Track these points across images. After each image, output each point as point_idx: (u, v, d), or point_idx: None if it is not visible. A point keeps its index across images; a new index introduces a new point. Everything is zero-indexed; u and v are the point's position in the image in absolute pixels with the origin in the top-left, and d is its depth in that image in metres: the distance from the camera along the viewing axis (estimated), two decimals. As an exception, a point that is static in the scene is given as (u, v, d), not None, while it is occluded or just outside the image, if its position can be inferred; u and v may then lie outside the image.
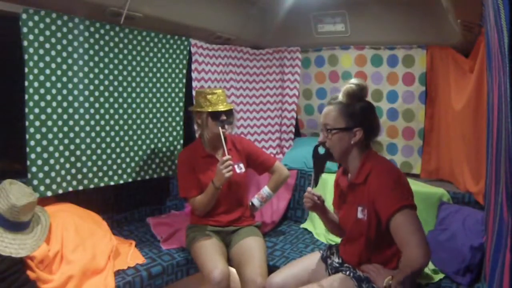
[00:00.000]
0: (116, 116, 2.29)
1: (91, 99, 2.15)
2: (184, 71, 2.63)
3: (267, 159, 2.30)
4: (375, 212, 1.48)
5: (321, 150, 1.62)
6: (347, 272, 1.60)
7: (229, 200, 2.15)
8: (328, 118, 1.54)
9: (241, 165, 2.20)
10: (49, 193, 1.99)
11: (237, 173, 2.14)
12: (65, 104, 2.03)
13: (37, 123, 1.93)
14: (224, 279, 1.81)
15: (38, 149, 1.94)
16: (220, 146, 2.14)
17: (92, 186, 2.21)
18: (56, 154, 2.02)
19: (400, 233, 1.38)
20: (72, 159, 2.10)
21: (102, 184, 2.26)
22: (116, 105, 2.28)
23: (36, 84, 1.90)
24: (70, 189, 2.11)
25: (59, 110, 2.01)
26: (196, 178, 2.11)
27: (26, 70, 1.87)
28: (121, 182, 2.36)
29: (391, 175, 1.47)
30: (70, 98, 2.05)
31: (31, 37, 1.86)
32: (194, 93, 2.61)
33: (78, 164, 2.13)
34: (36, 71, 1.90)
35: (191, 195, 2.10)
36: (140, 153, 2.44)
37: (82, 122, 2.12)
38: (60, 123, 2.02)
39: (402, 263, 1.42)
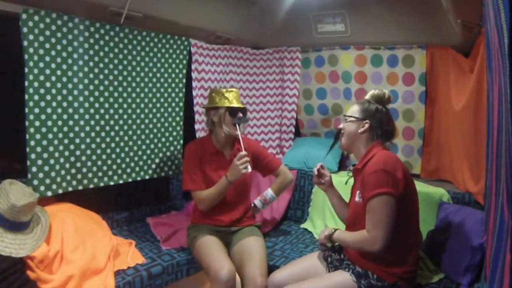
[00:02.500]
0: (116, 116, 2.29)
1: (91, 99, 2.15)
2: (184, 71, 2.63)
3: (273, 161, 2.29)
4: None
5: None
6: (346, 269, 1.64)
7: (233, 199, 2.14)
8: (351, 110, 1.80)
9: (248, 165, 2.19)
10: (49, 193, 1.99)
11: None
12: (65, 104, 2.03)
13: (37, 123, 1.93)
14: (231, 278, 1.80)
15: (38, 149, 1.94)
16: (230, 144, 2.18)
17: (92, 186, 2.21)
18: (56, 154, 2.02)
19: (372, 215, 1.54)
20: (72, 159, 2.10)
21: (102, 184, 2.26)
22: (116, 105, 2.28)
23: (36, 84, 1.90)
24: (70, 189, 2.11)
25: (59, 110, 2.01)
26: (203, 172, 2.11)
27: (26, 70, 1.87)
28: (121, 182, 2.36)
29: (383, 163, 1.58)
30: (70, 98, 2.05)
31: (31, 37, 1.86)
32: (194, 92, 2.62)
33: (78, 164, 2.13)
34: (36, 71, 1.90)
35: (197, 188, 2.08)
36: (140, 153, 2.44)
37: (82, 122, 2.12)
38: (60, 123, 2.02)
39: (357, 235, 1.60)
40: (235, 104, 2.09)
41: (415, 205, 1.68)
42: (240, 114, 2.09)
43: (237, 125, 2.05)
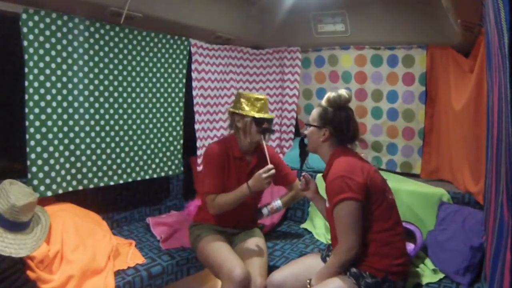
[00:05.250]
0: (116, 116, 2.29)
1: (91, 99, 2.15)
2: (184, 71, 2.63)
3: (290, 174, 2.24)
4: None
5: (306, 141, 1.89)
6: (343, 271, 1.63)
7: (244, 207, 2.07)
8: (311, 116, 1.81)
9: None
10: (49, 193, 1.99)
11: None
12: (65, 104, 2.03)
13: (37, 123, 1.93)
14: (245, 278, 1.78)
15: (38, 149, 1.94)
16: (252, 150, 2.10)
17: (92, 186, 2.22)
18: (56, 154, 2.02)
19: (340, 223, 1.61)
20: (72, 159, 2.10)
21: (102, 184, 2.26)
22: (116, 105, 2.28)
23: (36, 84, 1.90)
24: (70, 189, 2.11)
25: (59, 110, 2.01)
26: (223, 177, 2.03)
27: (26, 70, 1.87)
28: (121, 182, 2.36)
29: (341, 169, 1.61)
30: (70, 98, 2.05)
31: (31, 37, 1.86)
32: (194, 92, 2.62)
33: (78, 164, 2.13)
34: (36, 71, 1.90)
35: (213, 191, 1.98)
36: (140, 153, 2.44)
37: (82, 122, 2.12)
38: (60, 123, 2.02)
39: (332, 257, 1.65)
40: (262, 114, 1.99)
41: (386, 200, 1.66)
42: (266, 125, 2.01)
43: (262, 136, 2.00)
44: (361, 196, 1.57)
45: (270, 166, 1.88)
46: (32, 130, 1.92)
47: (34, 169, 1.93)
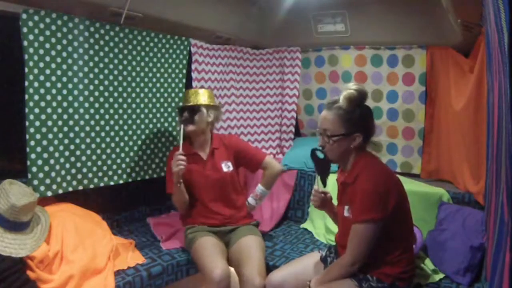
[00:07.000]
0: (116, 116, 2.29)
1: (91, 99, 2.15)
2: (184, 71, 2.63)
3: (257, 155, 2.26)
4: None
5: (320, 155, 1.66)
6: None
7: (218, 200, 2.15)
8: (327, 123, 1.57)
9: (229, 163, 2.20)
10: (49, 193, 1.99)
11: (224, 172, 2.16)
12: (65, 104, 2.03)
13: (37, 123, 1.93)
14: (224, 279, 1.80)
15: (38, 149, 1.94)
16: (205, 144, 2.21)
17: (92, 186, 2.21)
18: (56, 154, 2.02)
19: (355, 238, 1.53)
20: (72, 159, 2.10)
21: (102, 184, 2.26)
22: (116, 105, 2.28)
23: (36, 84, 1.90)
24: (70, 189, 2.11)
25: (59, 110, 2.01)
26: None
27: (26, 70, 1.87)
28: (121, 182, 2.36)
29: (375, 182, 1.51)
30: (70, 98, 2.05)
31: (31, 37, 1.86)
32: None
33: (78, 164, 2.13)
34: (36, 71, 1.90)
35: (168, 191, 2.16)
36: (140, 153, 2.44)
37: (82, 122, 2.12)
38: (60, 123, 2.02)
39: (334, 264, 1.62)
40: (185, 104, 2.14)
41: (406, 212, 1.64)
42: (185, 114, 2.12)
43: (181, 125, 2.10)
44: (387, 214, 1.49)
45: (178, 152, 1.99)
46: (32, 130, 1.92)
47: (34, 169, 1.93)
